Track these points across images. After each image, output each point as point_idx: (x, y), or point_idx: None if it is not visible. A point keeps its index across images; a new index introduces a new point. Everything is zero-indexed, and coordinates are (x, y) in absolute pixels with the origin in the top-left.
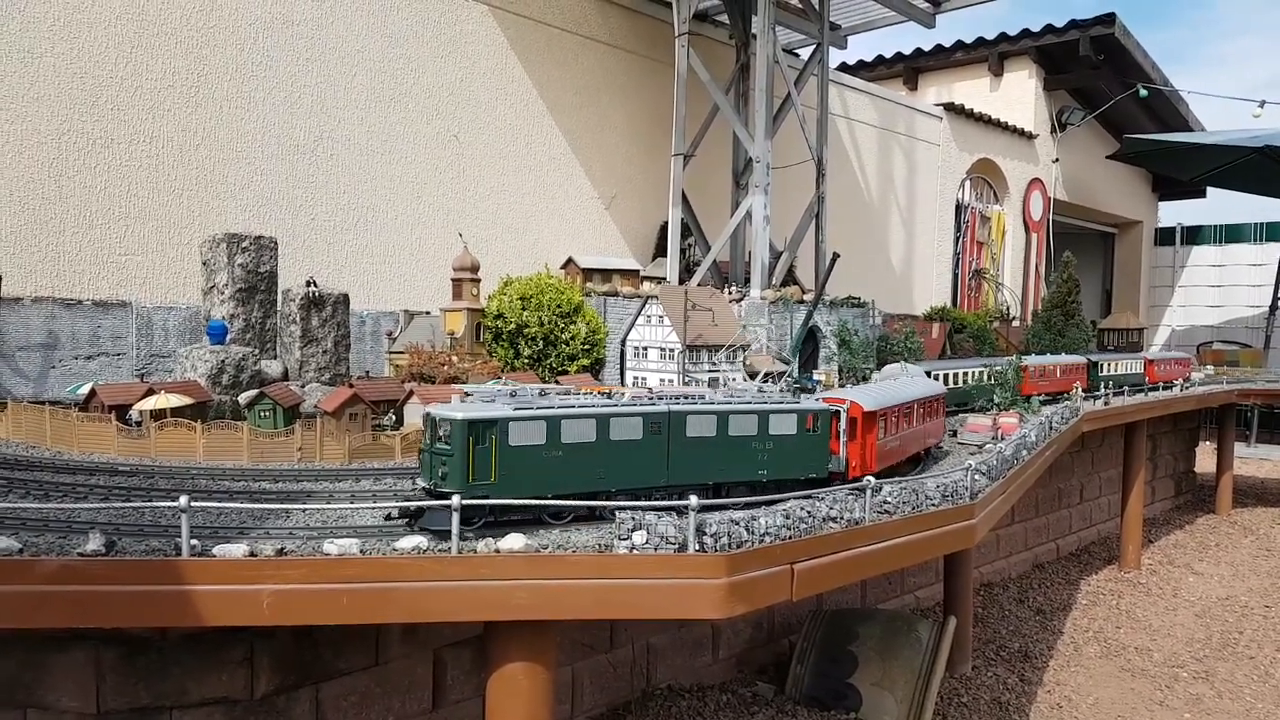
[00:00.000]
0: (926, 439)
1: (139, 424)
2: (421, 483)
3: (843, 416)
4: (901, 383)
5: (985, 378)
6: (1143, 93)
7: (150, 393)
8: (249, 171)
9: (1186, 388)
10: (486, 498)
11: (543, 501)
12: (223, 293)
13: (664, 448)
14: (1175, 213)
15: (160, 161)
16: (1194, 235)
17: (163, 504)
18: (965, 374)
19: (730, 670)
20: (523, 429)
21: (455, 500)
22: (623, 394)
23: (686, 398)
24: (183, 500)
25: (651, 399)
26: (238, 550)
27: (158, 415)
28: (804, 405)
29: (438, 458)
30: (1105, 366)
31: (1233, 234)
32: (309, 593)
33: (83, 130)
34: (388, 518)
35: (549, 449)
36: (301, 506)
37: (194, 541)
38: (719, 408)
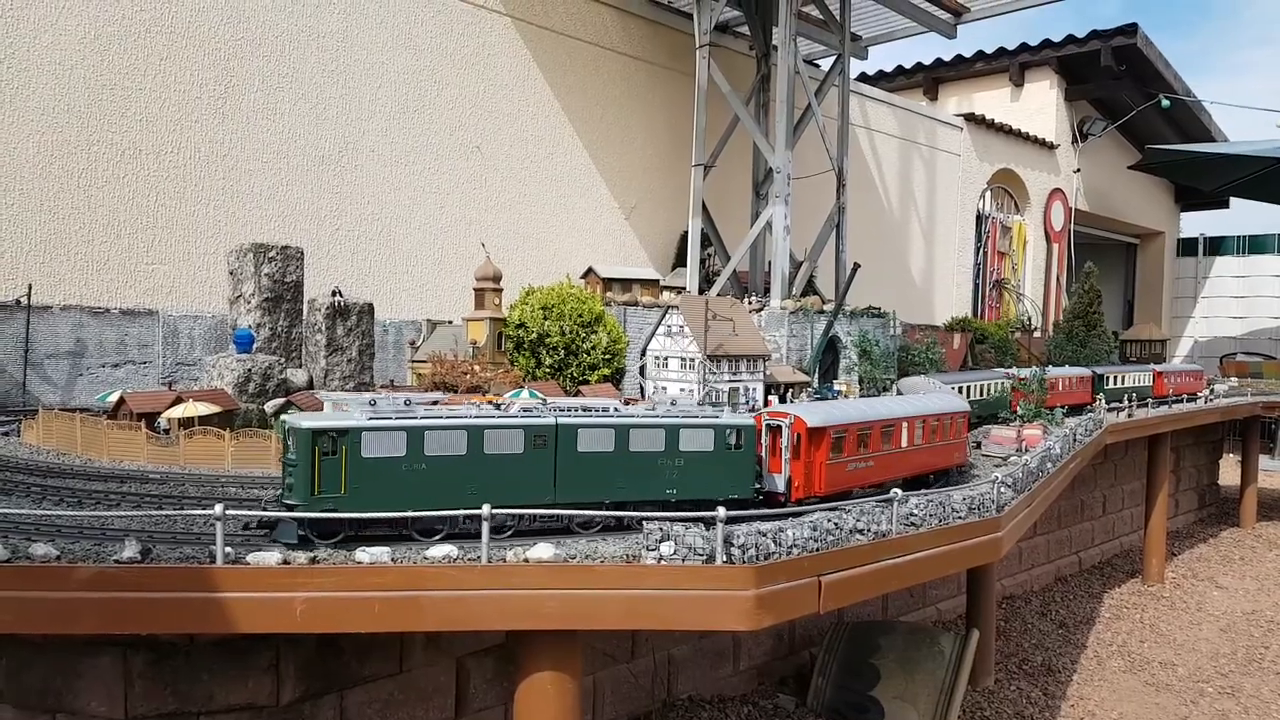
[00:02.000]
0: (931, 460)
1: (167, 432)
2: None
3: (785, 432)
4: (885, 399)
5: (986, 392)
6: (1165, 103)
7: (178, 401)
8: (275, 182)
9: (1210, 400)
10: (335, 510)
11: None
12: (249, 302)
13: (550, 463)
14: (1198, 223)
15: (188, 172)
16: (1217, 246)
17: (197, 512)
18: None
19: (751, 682)
20: (379, 440)
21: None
22: (510, 404)
23: (588, 410)
24: (218, 509)
25: (540, 411)
26: (271, 558)
27: (186, 423)
28: (723, 419)
29: (287, 468)
30: (1111, 379)
31: (1256, 245)
32: (341, 600)
33: (112, 141)
34: (245, 527)
35: (410, 462)
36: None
37: (228, 549)
38: (616, 421)
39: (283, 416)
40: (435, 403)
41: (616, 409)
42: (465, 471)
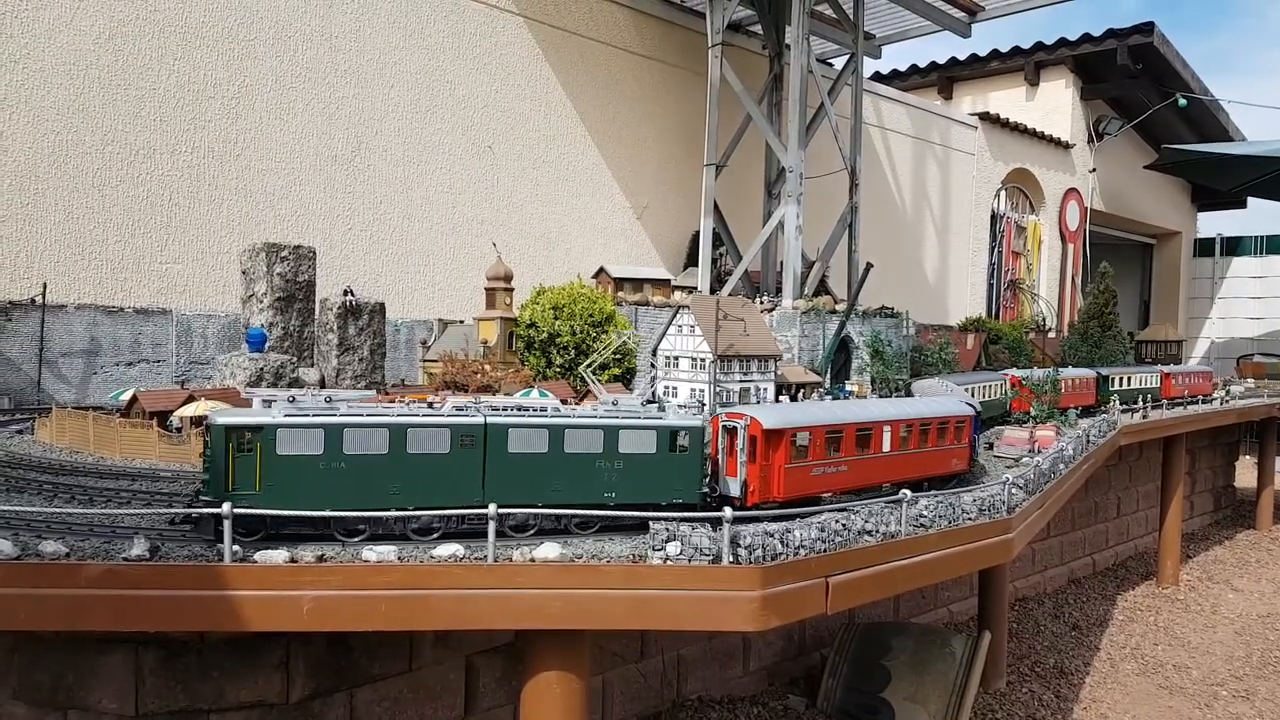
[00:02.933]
0: (923, 466)
1: (179, 430)
2: None
3: (740, 434)
4: (868, 400)
5: (981, 395)
6: (1182, 103)
7: (191, 399)
8: (288, 181)
9: (1226, 401)
10: (249, 508)
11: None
12: (261, 301)
13: (478, 464)
14: (1215, 223)
15: (201, 172)
16: (1234, 246)
17: (206, 510)
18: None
19: (761, 682)
20: (294, 437)
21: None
22: (443, 403)
23: (524, 410)
24: (225, 507)
25: (470, 409)
26: (279, 556)
27: (198, 422)
28: (666, 421)
29: (206, 463)
30: (1116, 380)
31: (1274, 245)
32: (348, 599)
33: (126, 141)
34: (171, 522)
35: (329, 460)
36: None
37: (235, 547)
38: (550, 421)
39: (208, 414)
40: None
41: (556, 409)
42: (387, 471)
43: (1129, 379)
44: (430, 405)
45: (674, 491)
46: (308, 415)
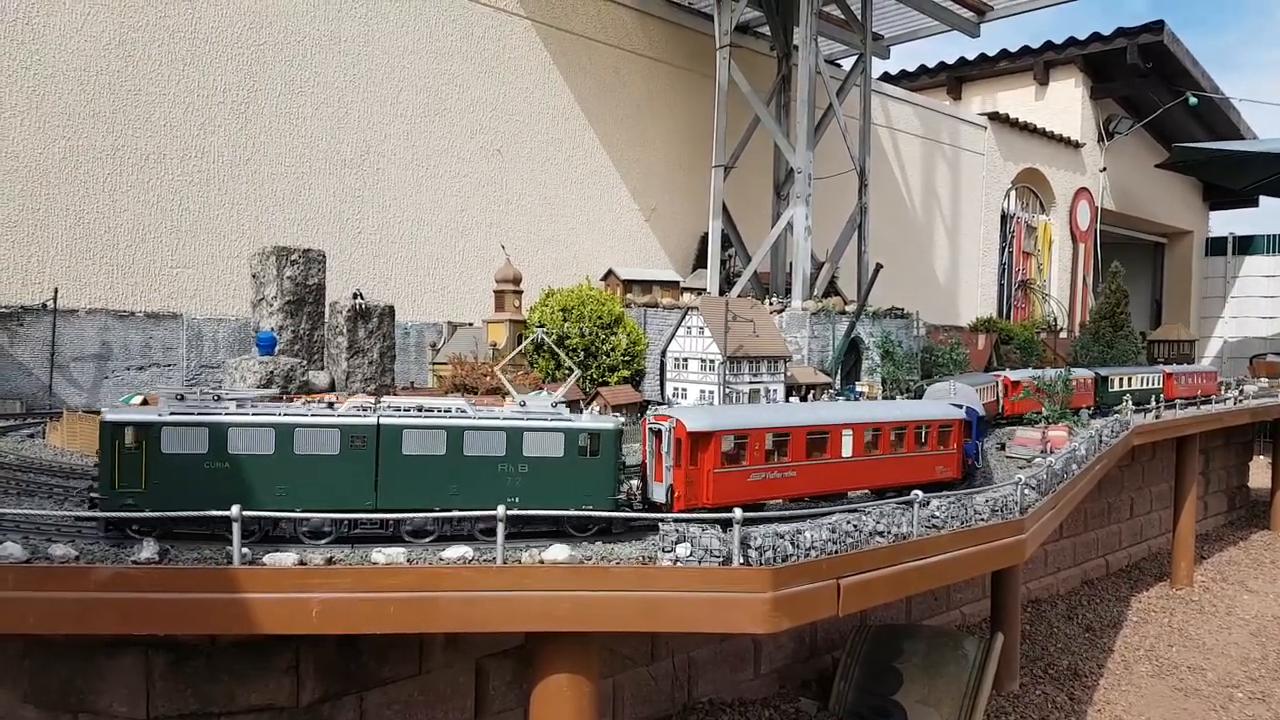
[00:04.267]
0: (898, 473)
1: None
2: None
3: (666, 437)
4: (823, 404)
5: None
6: (1192, 101)
7: None
8: (297, 186)
9: (1240, 400)
10: (135, 507)
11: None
12: (271, 305)
13: (371, 466)
14: (1227, 222)
15: (211, 176)
16: (1246, 245)
17: (215, 513)
18: None
19: (772, 685)
20: (178, 436)
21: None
22: (342, 402)
23: (425, 410)
24: (234, 510)
25: (366, 409)
26: (288, 559)
27: None
28: (575, 423)
29: (98, 461)
30: (1115, 381)
31: None
32: (357, 601)
33: (136, 146)
34: (77, 519)
35: (213, 459)
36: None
37: (244, 550)
38: (449, 422)
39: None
40: (263, 399)
41: (462, 411)
42: (273, 471)
43: (1129, 380)
44: (330, 405)
45: (584, 497)
46: (192, 413)
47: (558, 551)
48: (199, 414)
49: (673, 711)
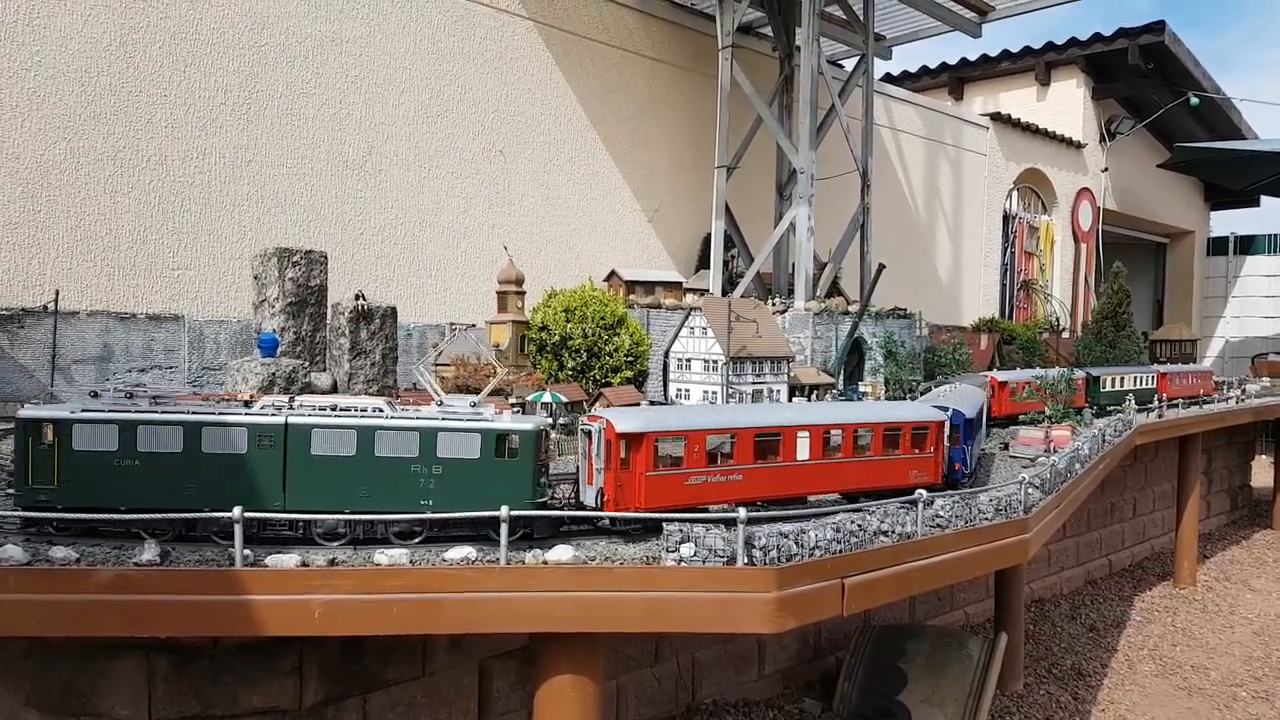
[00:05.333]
0: (864, 477)
1: None
2: None
3: (596, 439)
4: (778, 405)
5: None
6: (1193, 101)
7: None
8: (299, 187)
9: (1242, 400)
10: (49, 503)
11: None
12: (273, 306)
13: (279, 466)
14: (1228, 222)
15: (213, 178)
16: (1248, 245)
17: (218, 514)
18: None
19: (776, 686)
20: (89, 433)
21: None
22: (256, 400)
23: (338, 409)
24: (236, 511)
25: (278, 408)
26: (290, 560)
27: None
28: (492, 424)
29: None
30: (1108, 381)
31: None
32: (359, 603)
33: (137, 147)
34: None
35: (123, 457)
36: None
37: (246, 551)
38: (359, 422)
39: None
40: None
41: (379, 410)
42: (182, 470)
43: (1122, 380)
44: (247, 404)
45: (501, 500)
46: (103, 411)
47: (561, 552)
48: (109, 412)
49: (677, 713)
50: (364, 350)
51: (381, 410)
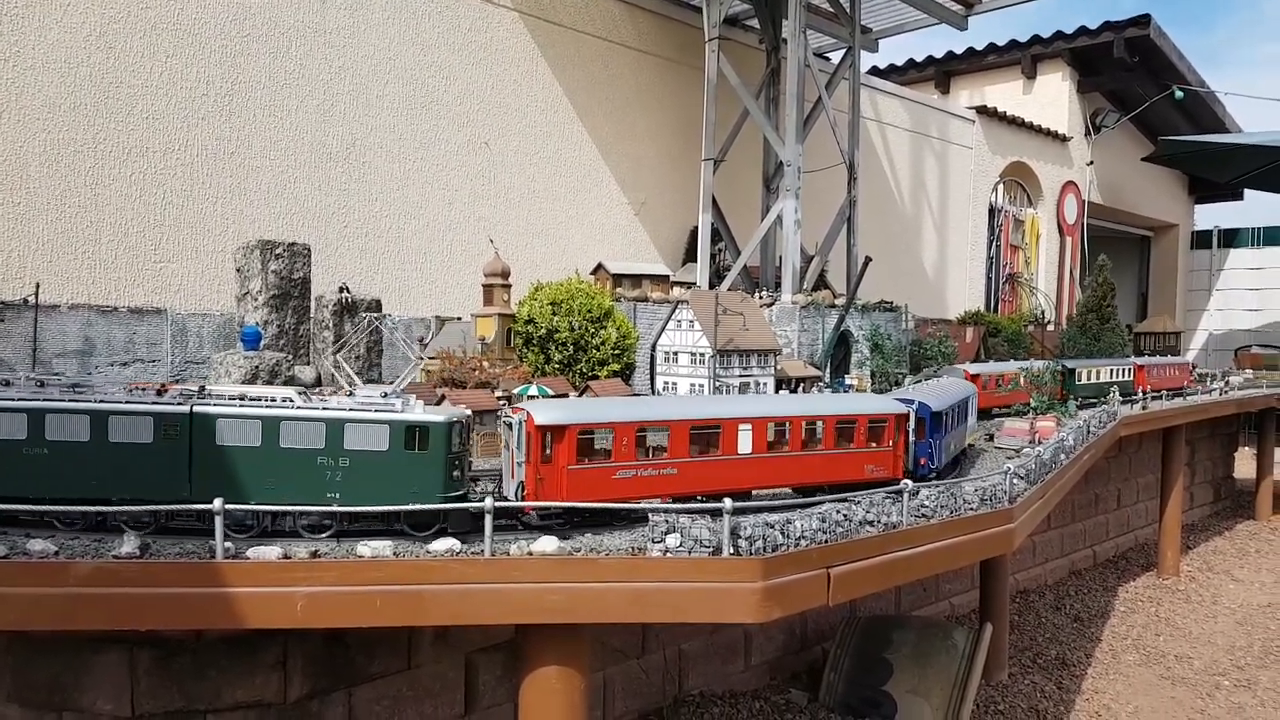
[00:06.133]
0: (815, 471)
1: None
2: None
3: (516, 431)
4: (718, 397)
5: None
6: (1178, 94)
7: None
8: (282, 179)
9: (1225, 392)
10: None
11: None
12: (256, 299)
13: (184, 456)
14: (1212, 215)
15: (195, 169)
16: (1231, 238)
17: (199, 506)
18: None
19: (763, 677)
20: None
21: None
22: (169, 389)
23: (247, 399)
24: (217, 503)
25: (185, 397)
26: (271, 552)
27: None
28: (401, 415)
29: None
30: (1083, 374)
31: (1271, 236)
32: (342, 595)
33: (118, 139)
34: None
35: (32, 445)
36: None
37: (227, 544)
38: (264, 412)
39: None
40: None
41: (288, 400)
42: (89, 459)
43: (1097, 372)
44: (160, 392)
45: (410, 495)
46: (11, 399)
47: (546, 543)
48: (17, 400)
49: (664, 704)
50: (348, 343)
51: (291, 400)
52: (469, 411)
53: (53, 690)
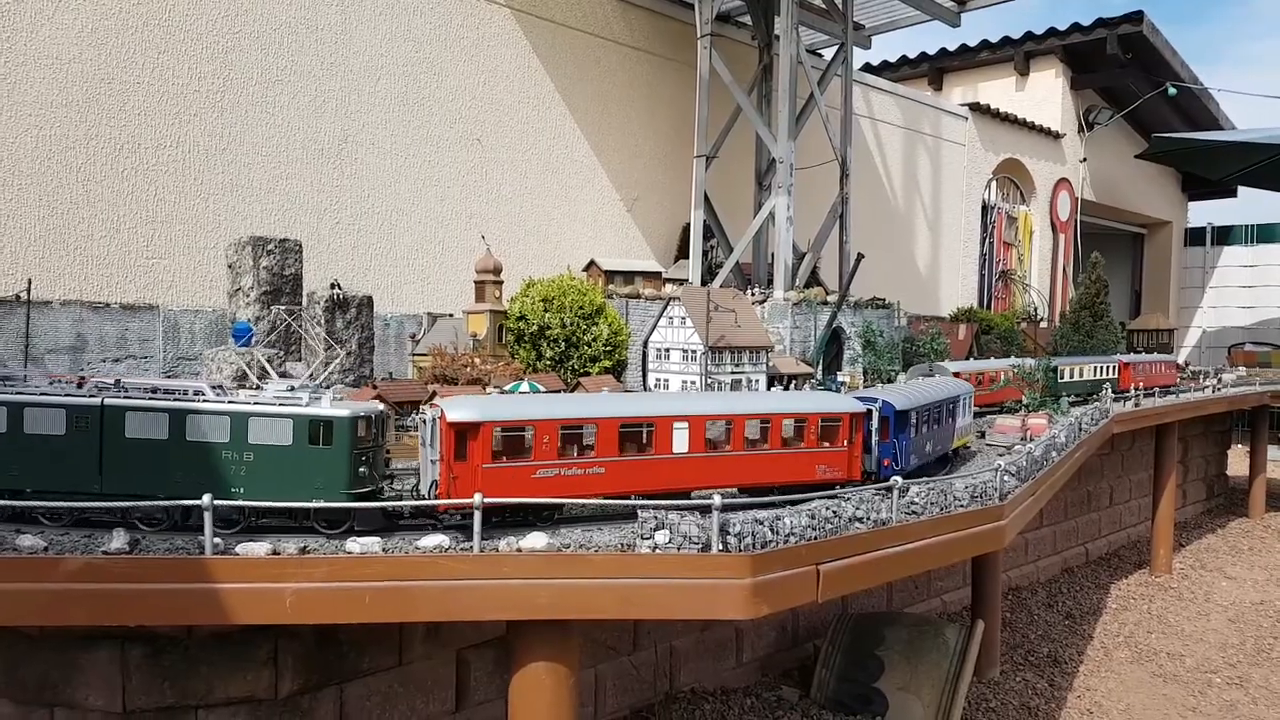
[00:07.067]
0: (756, 471)
1: None
2: None
3: (431, 428)
4: (657, 393)
5: None
6: (1171, 91)
7: None
8: (274, 175)
9: (1218, 389)
10: None
11: None
12: (248, 295)
13: (95, 448)
14: (1205, 213)
15: (186, 165)
16: (1225, 235)
17: (188, 501)
18: None
19: (754, 674)
20: None
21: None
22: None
23: (158, 392)
24: (205, 499)
25: (100, 389)
26: (260, 548)
27: None
28: (304, 409)
29: None
30: (1065, 372)
31: (1264, 234)
32: (331, 591)
33: (110, 135)
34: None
35: None
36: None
37: (216, 540)
38: (171, 405)
39: None
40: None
41: (199, 393)
42: (6, 450)
43: (1080, 370)
44: (79, 384)
45: (314, 491)
46: None
47: (536, 540)
48: None
49: (655, 701)
50: (340, 339)
51: (202, 393)
52: (381, 406)
53: (43, 686)
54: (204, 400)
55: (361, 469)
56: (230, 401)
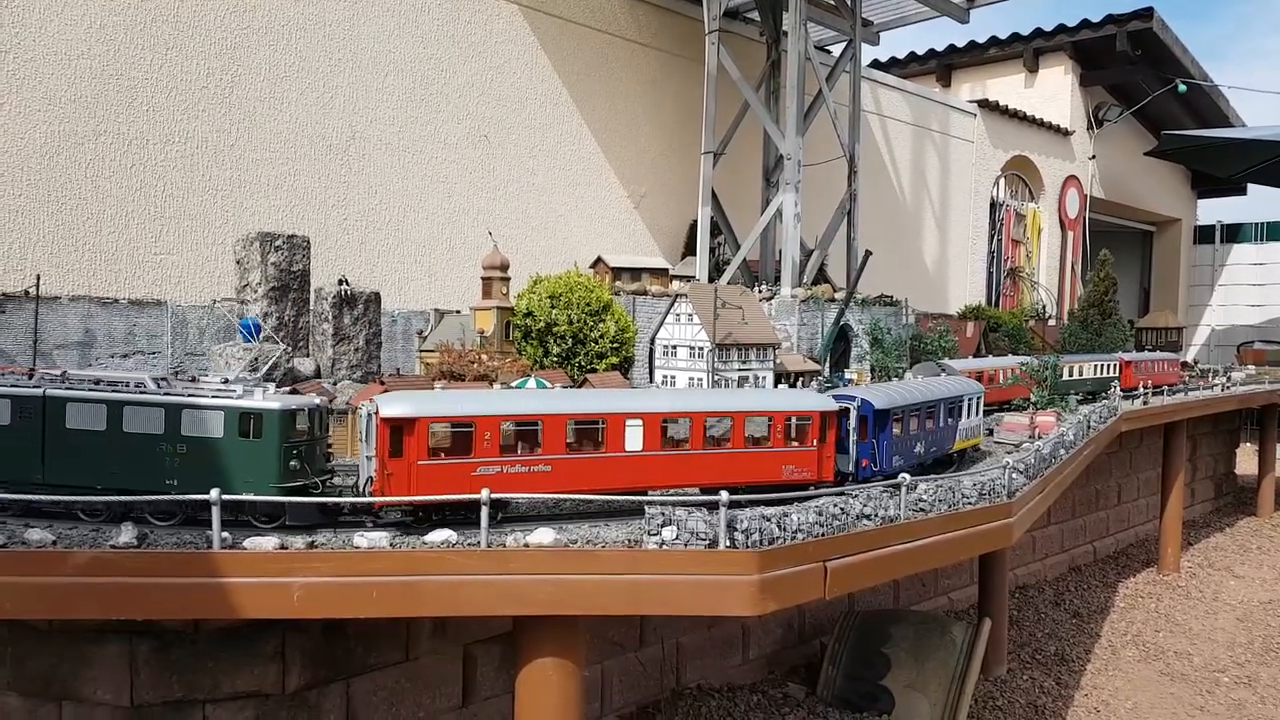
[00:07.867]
0: (718, 470)
1: None
2: None
3: (366, 424)
4: (610, 390)
5: None
6: (1181, 88)
7: None
8: (282, 171)
9: (1227, 387)
10: None
11: None
12: (256, 291)
13: (37, 438)
14: (1215, 210)
15: (195, 161)
16: (1234, 233)
17: (196, 496)
18: None
19: (761, 671)
20: None
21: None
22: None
23: (103, 384)
24: (214, 493)
25: (39, 380)
26: (268, 543)
27: None
28: (235, 402)
29: None
30: (1065, 370)
31: (1274, 232)
32: (338, 586)
33: (119, 131)
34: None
35: None
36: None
37: (224, 534)
38: (108, 397)
39: None
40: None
41: (140, 386)
42: None
43: (1080, 368)
44: (30, 375)
45: (245, 484)
46: None
47: (543, 535)
48: None
49: (661, 697)
50: (347, 336)
51: (143, 385)
52: (319, 400)
53: (52, 680)
54: (143, 392)
55: (293, 463)
56: (166, 394)
